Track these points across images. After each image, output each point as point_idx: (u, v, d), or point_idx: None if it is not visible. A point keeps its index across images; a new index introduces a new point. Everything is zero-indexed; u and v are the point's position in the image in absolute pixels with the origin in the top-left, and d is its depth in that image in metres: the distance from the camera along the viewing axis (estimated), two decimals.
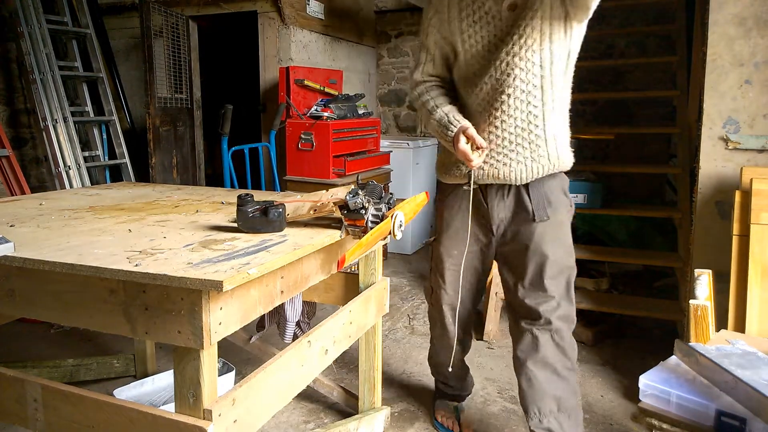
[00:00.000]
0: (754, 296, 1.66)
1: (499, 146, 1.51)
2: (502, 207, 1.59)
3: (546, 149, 1.51)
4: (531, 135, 1.49)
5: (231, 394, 1.15)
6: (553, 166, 1.53)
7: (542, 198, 1.54)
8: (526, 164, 1.51)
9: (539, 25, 1.41)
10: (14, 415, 1.31)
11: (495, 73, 1.48)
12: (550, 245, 1.56)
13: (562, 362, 1.55)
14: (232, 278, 1.02)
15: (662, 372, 1.25)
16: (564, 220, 1.59)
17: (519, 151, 1.51)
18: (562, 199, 1.59)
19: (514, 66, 1.45)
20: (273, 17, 3.76)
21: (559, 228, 1.58)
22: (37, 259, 1.14)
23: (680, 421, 1.14)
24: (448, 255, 1.72)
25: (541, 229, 1.56)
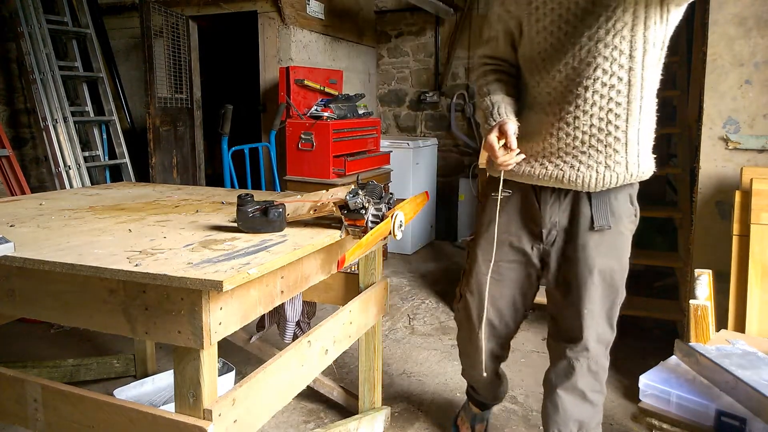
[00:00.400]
0: (754, 296, 1.66)
1: (569, 146, 1.30)
2: (557, 210, 1.39)
3: (625, 156, 1.29)
4: (609, 137, 1.28)
5: (231, 394, 1.15)
6: (630, 176, 1.32)
7: (606, 204, 1.34)
8: (598, 170, 1.30)
9: (633, 5, 1.17)
10: (14, 415, 1.31)
11: (572, 61, 1.25)
12: (604, 259, 1.37)
13: (591, 387, 1.43)
14: (232, 278, 1.02)
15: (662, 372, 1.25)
16: (624, 232, 1.39)
17: (591, 154, 1.29)
18: (627, 208, 1.38)
19: (597, 54, 1.22)
20: (273, 17, 3.76)
21: (617, 239, 1.38)
22: (37, 259, 1.14)
23: (680, 421, 1.14)
24: (484, 258, 1.51)
25: (598, 239, 1.36)
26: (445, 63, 4.79)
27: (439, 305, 3.21)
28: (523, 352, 2.59)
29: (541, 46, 1.31)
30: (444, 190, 4.82)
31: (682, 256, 2.68)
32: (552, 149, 1.33)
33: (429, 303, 3.25)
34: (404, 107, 5.03)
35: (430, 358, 2.53)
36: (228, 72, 5.93)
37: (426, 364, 2.47)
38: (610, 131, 1.27)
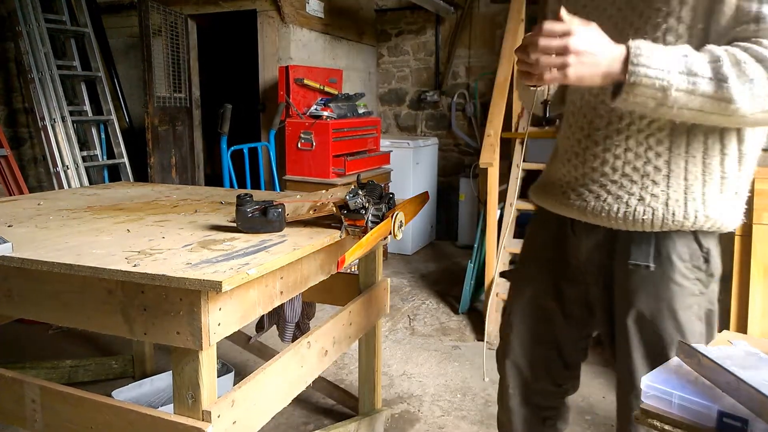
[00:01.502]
0: (757, 297, 1.66)
1: (596, 171, 1.04)
2: (593, 241, 1.09)
3: (666, 190, 0.99)
4: (647, 165, 0.99)
5: (230, 395, 1.14)
6: (672, 216, 0.98)
7: (650, 241, 1.03)
8: (629, 203, 1.01)
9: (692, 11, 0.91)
10: (13, 415, 1.31)
11: None
12: (644, 305, 1.03)
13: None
14: (231, 279, 1.01)
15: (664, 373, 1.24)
16: (679, 280, 1.02)
17: (624, 184, 1.01)
18: (685, 252, 1.01)
19: None
20: (272, 16, 3.75)
21: (666, 285, 1.02)
22: (35, 260, 1.13)
23: (682, 422, 1.13)
24: (519, 293, 1.26)
25: (637, 281, 1.03)
26: (446, 62, 4.78)
27: (439, 306, 3.20)
28: None
29: None
30: (444, 190, 4.81)
31: None
32: (576, 173, 1.08)
33: (429, 304, 3.24)
34: (404, 106, 5.02)
35: (431, 359, 2.52)
36: (227, 71, 5.92)
37: (426, 365, 2.46)
38: (649, 158, 0.99)
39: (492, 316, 2.78)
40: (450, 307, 3.17)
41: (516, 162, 3.22)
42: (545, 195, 1.18)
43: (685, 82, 0.84)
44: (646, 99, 0.86)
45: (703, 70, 0.84)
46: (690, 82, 0.84)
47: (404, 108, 5.02)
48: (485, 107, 4.52)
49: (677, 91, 0.84)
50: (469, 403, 2.14)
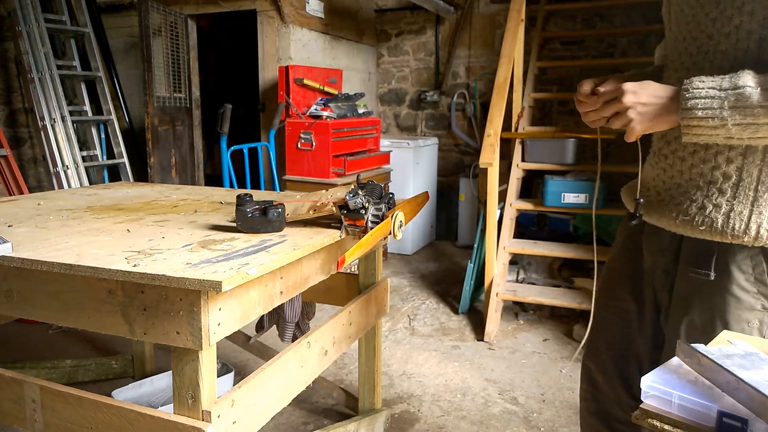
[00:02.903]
0: None
1: (665, 173, 1.01)
2: (657, 245, 1.06)
3: (732, 201, 0.93)
4: (716, 171, 0.94)
5: (230, 395, 1.14)
6: (731, 231, 0.93)
7: (711, 250, 0.97)
8: (688, 211, 0.97)
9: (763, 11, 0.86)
10: (13, 415, 1.31)
11: (685, 61, 0.96)
12: (697, 313, 0.99)
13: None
14: (231, 279, 1.01)
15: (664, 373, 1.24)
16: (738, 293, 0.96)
17: (688, 188, 0.98)
18: (747, 266, 0.95)
19: (709, 64, 0.92)
20: (272, 16, 3.75)
21: (722, 296, 0.97)
22: (35, 260, 1.13)
23: (682, 422, 1.13)
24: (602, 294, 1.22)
25: (695, 290, 0.99)
26: (446, 62, 4.78)
27: (439, 306, 3.20)
28: (524, 353, 2.59)
29: (671, 36, 1.05)
30: (444, 190, 4.81)
31: None
32: (650, 173, 1.07)
33: (429, 304, 3.24)
34: (404, 106, 5.02)
35: (431, 359, 2.52)
36: (227, 71, 5.92)
37: (426, 365, 2.46)
38: (719, 163, 0.93)
39: (492, 316, 2.78)
40: (450, 307, 3.17)
41: (516, 162, 3.22)
42: (625, 195, 1.16)
43: (739, 116, 0.82)
44: (708, 136, 0.86)
45: (762, 98, 0.81)
46: (746, 115, 0.82)
47: (404, 108, 5.02)
48: (485, 107, 4.53)
49: (735, 125, 0.83)
50: (468, 403, 2.14)
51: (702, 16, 0.94)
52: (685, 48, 0.98)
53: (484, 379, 2.33)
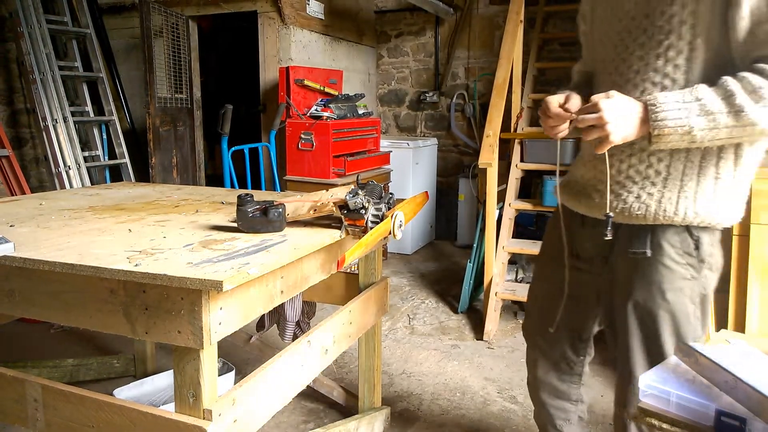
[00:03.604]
0: (754, 296, 1.66)
1: (603, 173, 1.14)
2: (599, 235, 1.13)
3: (662, 190, 1.10)
4: (649, 169, 1.10)
5: (231, 393, 1.15)
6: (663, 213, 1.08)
7: (646, 231, 1.12)
8: (626, 201, 1.12)
9: (691, 25, 0.99)
10: (14, 415, 1.31)
11: (616, 80, 1.11)
12: (640, 291, 1.12)
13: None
14: (232, 278, 1.02)
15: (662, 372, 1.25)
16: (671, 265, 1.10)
17: (625, 184, 1.13)
18: (676, 240, 1.10)
19: (643, 80, 1.06)
20: (273, 17, 3.76)
21: (658, 270, 1.10)
22: (36, 259, 1.14)
23: (680, 421, 1.14)
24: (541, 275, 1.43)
25: (634, 269, 1.12)
26: (445, 63, 4.79)
27: (439, 305, 3.21)
28: (523, 352, 2.59)
29: (597, 60, 1.20)
30: (444, 190, 4.82)
31: None
32: (589, 175, 1.20)
33: (429, 303, 3.25)
34: (404, 107, 5.03)
35: (430, 358, 2.53)
36: (228, 72, 5.93)
37: (426, 364, 2.47)
38: (651, 163, 1.09)
39: (491, 315, 2.79)
40: (449, 307, 3.17)
41: (515, 162, 3.23)
42: (565, 193, 1.28)
43: (704, 122, 0.96)
44: (676, 142, 0.99)
45: (719, 106, 0.94)
46: (709, 121, 0.95)
47: (404, 109, 5.03)
48: (484, 108, 4.53)
49: (700, 131, 0.96)
50: (468, 402, 2.15)
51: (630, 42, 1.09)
52: (615, 68, 1.13)
53: (484, 378, 2.34)
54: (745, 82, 0.94)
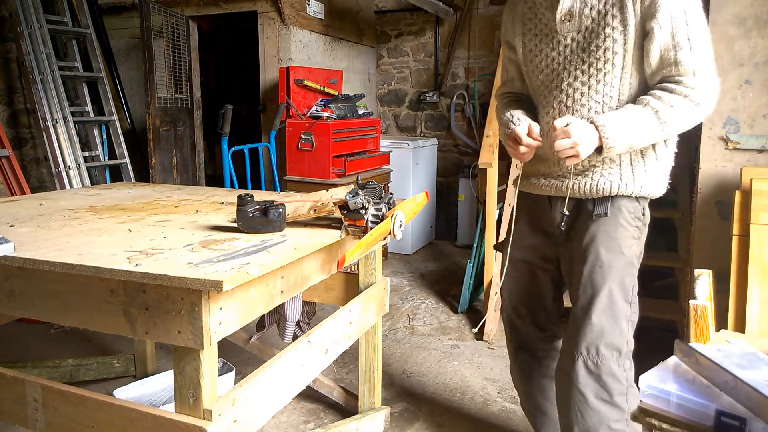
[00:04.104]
0: (754, 296, 1.66)
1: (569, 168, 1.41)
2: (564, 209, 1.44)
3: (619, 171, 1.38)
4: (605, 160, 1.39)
5: (231, 394, 1.15)
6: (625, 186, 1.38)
7: (607, 198, 1.39)
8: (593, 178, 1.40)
9: (621, 55, 1.30)
10: (14, 415, 1.31)
11: (564, 100, 1.38)
12: (602, 248, 1.38)
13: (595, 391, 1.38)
14: (232, 278, 1.02)
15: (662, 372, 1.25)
16: (624, 224, 1.40)
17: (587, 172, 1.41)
18: (628, 203, 1.40)
19: (588, 100, 1.36)
20: (273, 17, 3.76)
21: (617, 229, 1.39)
22: (36, 259, 1.14)
23: (680, 421, 1.14)
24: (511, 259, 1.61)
25: (596, 227, 1.40)
26: (445, 63, 4.79)
27: (438, 305, 3.21)
28: None
29: (540, 88, 1.45)
30: (444, 190, 4.82)
31: (681, 256, 2.68)
32: (554, 168, 1.45)
33: (429, 303, 3.25)
34: (404, 107, 5.03)
35: (430, 358, 2.53)
36: (228, 72, 5.93)
37: (426, 364, 2.47)
38: (605, 157, 1.38)
39: (491, 315, 2.79)
40: (449, 307, 3.17)
41: (515, 162, 3.23)
42: (530, 184, 1.53)
43: (639, 136, 1.29)
44: (622, 151, 1.32)
45: (650, 122, 1.27)
46: (644, 134, 1.29)
47: (404, 109, 5.03)
48: (484, 108, 4.54)
49: (638, 142, 1.30)
50: (468, 402, 2.15)
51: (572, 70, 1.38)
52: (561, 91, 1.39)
53: (483, 378, 2.34)
54: (663, 100, 1.26)
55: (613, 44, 1.30)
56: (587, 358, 1.38)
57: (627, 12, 1.27)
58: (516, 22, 1.49)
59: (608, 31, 1.30)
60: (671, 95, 1.26)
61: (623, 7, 1.28)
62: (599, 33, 1.31)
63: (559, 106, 1.40)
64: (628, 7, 1.27)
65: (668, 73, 1.27)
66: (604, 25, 1.30)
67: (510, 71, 1.58)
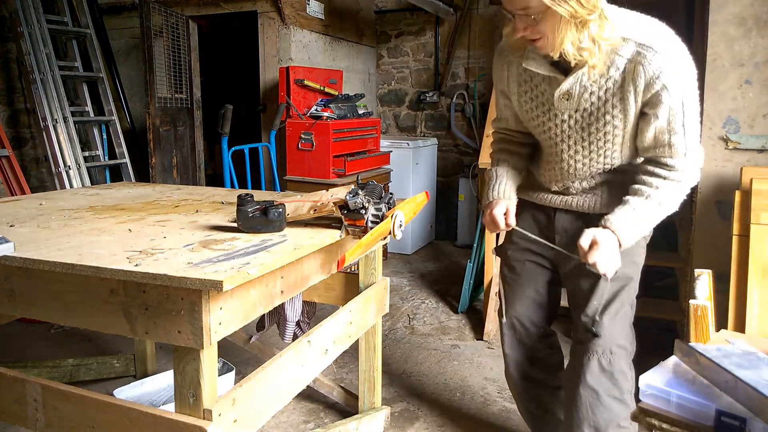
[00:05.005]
0: (754, 296, 1.66)
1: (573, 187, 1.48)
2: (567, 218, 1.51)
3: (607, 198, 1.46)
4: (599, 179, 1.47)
5: (231, 393, 1.15)
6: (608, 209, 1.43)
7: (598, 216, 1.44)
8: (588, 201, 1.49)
9: (621, 135, 1.34)
10: (14, 415, 1.31)
11: (566, 168, 1.45)
12: None
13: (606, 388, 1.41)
14: (232, 278, 1.02)
15: (662, 372, 1.25)
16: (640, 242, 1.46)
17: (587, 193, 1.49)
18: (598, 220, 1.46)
19: (589, 168, 1.42)
20: (273, 17, 3.76)
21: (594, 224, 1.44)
22: (37, 259, 1.14)
23: (680, 420, 1.14)
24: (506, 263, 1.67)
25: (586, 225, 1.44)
26: (445, 63, 4.79)
27: (438, 305, 3.21)
28: None
29: (536, 135, 1.49)
30: (444, 190, 4.82)
31: (681, 256, 2.68)
32: (557, 187, 1.50)
33: (429, 303, 3.25)
34: (404, 107, 5.03)
35: (430, 358, 2.53)
36: (228, 72, 5.93)
37: (426, 364, 2.47)
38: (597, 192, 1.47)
39: (491, 315, 2.79)
40: (449, 307, 3.17)
41: None
42: (537, 196, 1.57)
43: (648, 225, 1.38)
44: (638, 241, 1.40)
45: (656, 212, 1.35)
46: (651, 223, 1.37)
47: (404, 109, 5.03)
48: (484, 108, 4.53)
49: (651, 229, 1.41)
50: (468, 402, 2.15)
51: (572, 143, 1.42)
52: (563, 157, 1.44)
53: (483, 378, 2.34)
54: (661, 190, 1.33)
55: (613, 129, 1.34)
56: (602, 356, 1.41)
57: (628, 103, 1.28)
58: (510, 79, 1.46)
59: (608, 118, 1.32)
60: (666, 182, 1.33)
61: (624, 98, 1.28)
62: (599, 117, 1.33)
63: (561, 172, 1.46)
64: (629, 99, 1.28)
65: (660, 153, 1.32)
66: (604, 111, 1.32)
67: (504, 112, 1.58)
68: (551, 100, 1.37)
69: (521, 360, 1.64)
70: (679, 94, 1.24)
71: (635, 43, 1.23)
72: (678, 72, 1.23)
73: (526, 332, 1.63)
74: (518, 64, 1.41)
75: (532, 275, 1.60)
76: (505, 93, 1.51)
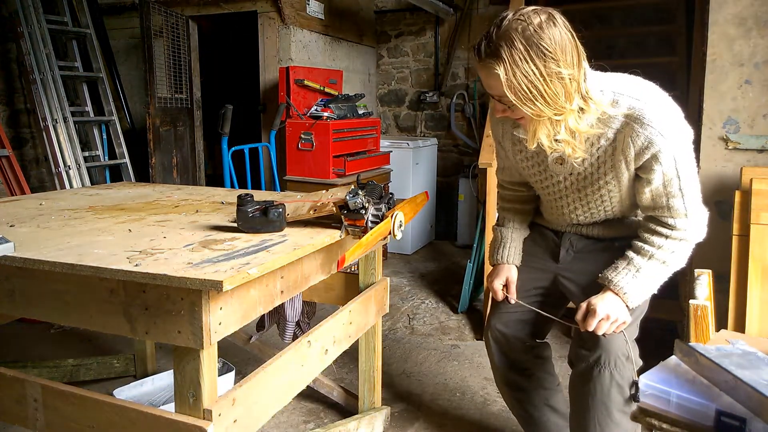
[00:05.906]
0: (754, 296, 1.66)
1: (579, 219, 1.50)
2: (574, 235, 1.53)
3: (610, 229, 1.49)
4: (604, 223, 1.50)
5: (231, 394, 1.15)
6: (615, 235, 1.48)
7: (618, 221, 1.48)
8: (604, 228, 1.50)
9: (618, 195, 1.36)
10: (14, 415, 1.31)
11: (568, 220, 1.48)
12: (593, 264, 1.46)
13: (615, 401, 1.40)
14: (232, 278, 1.02)
15: (662, 372, 1.25)
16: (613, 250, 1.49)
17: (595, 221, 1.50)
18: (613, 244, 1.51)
19: (590, 218, 1.45)
20: (273, 17, 3.76)
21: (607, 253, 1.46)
22: (37, 259, 1.14)
23: (680, 420, 1.14)
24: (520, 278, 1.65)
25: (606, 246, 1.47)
26: (445, 63, 4.79)
27: (438, 305, 3.21)
28: None
29: (540, 194, 1.52)
30: (444, 190, 4.82)
31: None
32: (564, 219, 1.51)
33: (429, 303, 3.25)
34: (404, 107, 5.03)
35: (430, 358, 2.53)
36: (228, 72, 5.93)
37: (426, 364, 2.47)
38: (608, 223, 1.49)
39: None
40: (449, 307, 3.17)
41: None
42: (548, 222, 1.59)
43: (654, 284, 1.35)
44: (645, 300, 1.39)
45: (662, 272, 1.35)
46: (657, 282, 1.35)
47: (404, 109, 5.03)
48: (484, 108, 4.54)
49: (656, 288, 1.37)
50: (468, 402, 2.15)
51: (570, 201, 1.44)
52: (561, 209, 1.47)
53: (483, 378, 2.34)
54: (665, 249, 1.32)
55: (608, 192, 1.36)
56: (614, 369, 1.38)
57: (620, 170, 1.29)
58: (505, 137, 1.45)
59: (602, 182, 1.34)
60: (669, 241, 1.32)
61: (615, 166, 1.29)
62: (593, 182, 1.35)
63: (564, 219, 1.49)
64: (621, 167, 1.28)
65: (660, 214, 1.32)
66: (597, 176, 1.33)
67: (505, 162, 1.57)
68: (546, 161, 1.37)
69: (507, 370, 1.64)
70: (671, 161, 1.22)
71: (623, 114, 1.22)
72: (668, 139, 1.20)
73: (508, 345, 1.60)
74: (511, 123, 1.39)
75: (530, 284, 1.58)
76: (502, 146, 1.50)
